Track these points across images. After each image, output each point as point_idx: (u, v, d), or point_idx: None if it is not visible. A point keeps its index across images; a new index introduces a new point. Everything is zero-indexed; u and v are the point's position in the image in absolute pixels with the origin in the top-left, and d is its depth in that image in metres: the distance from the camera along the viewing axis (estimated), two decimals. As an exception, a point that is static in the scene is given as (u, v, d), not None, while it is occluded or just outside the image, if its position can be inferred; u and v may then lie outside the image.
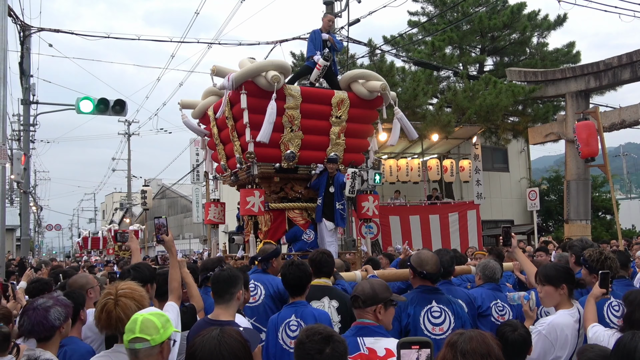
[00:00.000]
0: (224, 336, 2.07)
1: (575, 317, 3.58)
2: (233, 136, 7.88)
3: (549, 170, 27.34)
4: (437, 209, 18.80)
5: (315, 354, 2.23)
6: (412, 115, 17.06)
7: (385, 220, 17.43)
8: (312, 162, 7.96)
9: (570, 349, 3.49)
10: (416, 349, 2.01)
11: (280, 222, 7.98)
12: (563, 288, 3.62)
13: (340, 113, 8.02)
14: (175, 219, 44.20)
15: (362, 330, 3.03)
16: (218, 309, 3.35)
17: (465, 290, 4.55)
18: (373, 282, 3.23)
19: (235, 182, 8.49)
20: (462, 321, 3.73)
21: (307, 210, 8.11)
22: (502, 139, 20.42)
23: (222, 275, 3.39)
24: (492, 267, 4.96)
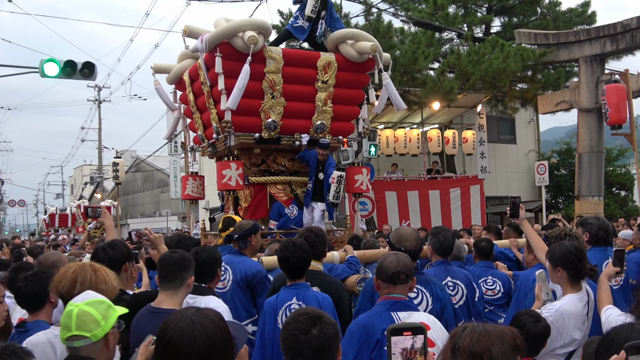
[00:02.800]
0: (199, 316, 2.04)
1: (584, 300, 3.62)
2: (209, 103, 7.83)
3: (560, 142, 27.42)
4: (437, 184, 18.86)
5: (300, 334, 2.21)
6: (411, 81, 16.99)
7: (381, 196, 17.48)
8: (296, 131, 7.92)
9: (579, 337, 3.53)
10: (409, 335, 2.02)
11: (262, 197, 7.99)
12: (559, 270, 3.66)
13: (327, 77, 7.94)
14: (151, 194, 44.12)
15: (395, 304, 3.25)
16: (163, 295, 3.32)
17: (464, 271, 4.59)
18: (404, 256, 3.40)
19: (214, 154, 8.47)
20: (441, 304, 3.79)
21: (291, 184, 8.10)
22: (509, 108, 20.41)
23: (173, 257, 3.36)
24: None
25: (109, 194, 42.78)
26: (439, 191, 18.50)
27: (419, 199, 18.11)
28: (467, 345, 1.85)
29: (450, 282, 4.38)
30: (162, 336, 2.04)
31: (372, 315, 3.27)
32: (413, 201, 18.02)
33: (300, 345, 2.20)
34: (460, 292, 4.38)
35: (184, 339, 1.98)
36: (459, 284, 4.39)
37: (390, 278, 3.27)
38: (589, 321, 3.60)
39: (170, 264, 3.33)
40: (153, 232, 4.54)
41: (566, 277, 3.64)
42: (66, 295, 2.86)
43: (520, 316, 3.37)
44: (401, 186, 18.30)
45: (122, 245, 3.96)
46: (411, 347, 2.02)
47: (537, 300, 3.84)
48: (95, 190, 44.63)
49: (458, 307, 4.31)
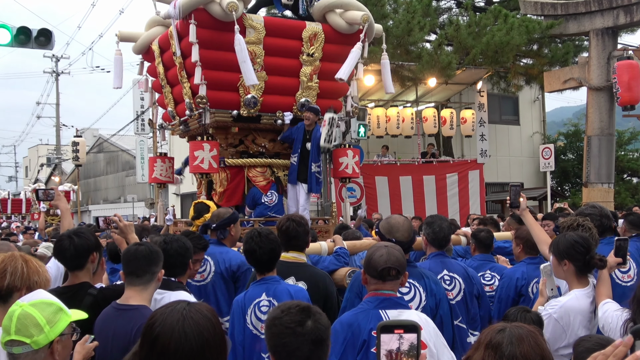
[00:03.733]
0: (191, 310, 2.01)
1: (591, 297, 3.66)
2: (182, 76, 7.77)
3: (567, 124, 27.61)
4: (432, 168, 18.92)
5: (297, 326, 2.20)
6: (405, 54, 16.97)
7: (371, 181, 17.52)
8: (278, 109, 7.90)
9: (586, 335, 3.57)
10: (399, 334, 2.01)
11: (239, 181, 7.96)
12: (566, 264, 3.68)
13: (312, 50, 7.92)
14: (116, 177, 43.87)
15: (384, 302, 3.25)
16: (130, 291, 3.32)
17: (462, 264, 4.64)
18: (396, 248, 3.38)
19: (186, 133, 8.43)
20: (436, 299, 3.81)
21: (272, 167, 8.09)
22: (512, 85, 20.48)
23: (141, 250, 3.36)
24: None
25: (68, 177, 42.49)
26: (435, 176, 18.56)
27: (412, 185, 18.16)
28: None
29: (446, 276, 4.41)
30: (149, 332, 2.00)
31: (358, 313, 3.27)
32: (406, 187, 18.08)
33: (298, 339, 2.19)
34: (458, 286, 4.42)
35: (173, 336, 1.95)
36: (456, 277, 4.43)
37: (380, 274, 3.26)
38: (596, 319, 3.63)
39: (139, 258, 3.33)
40: (123, 219, 4.53)
41: (573, 271, 3.67)
42: None
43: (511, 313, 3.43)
44: (393, 171, 18.33)
45: (89, 233, 3.90)
46: (397, 350, 2.00)
47: (541, 296, 3.87)
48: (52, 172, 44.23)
49: (455, 302, 4.35)
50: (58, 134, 38.51)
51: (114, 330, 3.22)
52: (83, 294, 3.61)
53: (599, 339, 2.90)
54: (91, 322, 3.37)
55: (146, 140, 28.03)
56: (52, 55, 34.81)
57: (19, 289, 2.89)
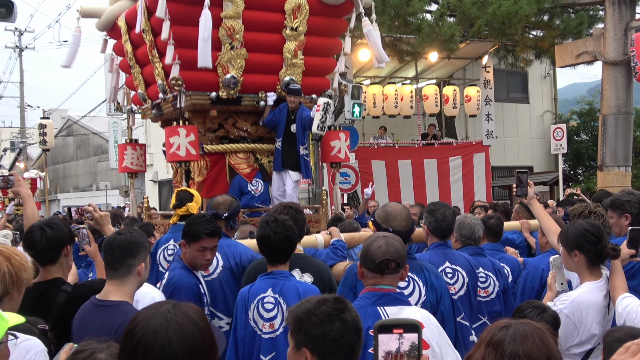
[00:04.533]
0: (176, 314, 1.96)
1: (604, 290, 3.68)
2: (152, 56, 7.72)
3: (580, 102, 27.67)
4: (434, 151, 18.95)
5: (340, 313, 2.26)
6: (404, 26, 16.91)
7: (366, 165, 17.54)
8: (260, 89, 7.87)
9: (599, 332, 3.58)
10: (398, 334, 2.01)
11: (220, 169, 7.93)
12: (576, 255, 3.70)
13: (296, 23, 7.86)
14: (87, 163, 43.73)
15: (383, 298, 3.24)
16: (110, 285, 3.33)
17: (467, 256, 4.64)
18: (395, 238, 3.37)
19: (159, 117, 8.40)
20: (437, 294, 3.82)
21: (255, 153, 8.07)
22: (521, 60, 20.47)
23: (118, 240, 3.35)
24: (469, 223, 5.04)
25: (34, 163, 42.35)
26: (436, 160, 18.60)
27: (411, 170, 18.20)
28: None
29: (448, 269, 4.43)
30: (130, 336, 1.96)
31: None
32: (405, 172, 18.11)
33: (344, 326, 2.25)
34: (461, 280, 4.43)
35: (156, 342, 1.90)
36: (459, 270, 4.44)
37: (378, 267, 3.24)
38: (610, 314, 3.66)
39: (114, 248, 3.32)
40: (98, 209, 4.51)
41: (584, 262, 3.69)
42: None
43: (523, 311, 3.41)
44: (391, 154, 18.35)
45: (62, 223, 3.89)
46: (397, 351, 2.00)
47: (550, 290, 3.89)
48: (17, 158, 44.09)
49: (457, 297, 4.37)
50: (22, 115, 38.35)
51: (92, 327, 3.20)
52: (56, 291, 3.61)
53: (630, 330, 2.93)
54: (65, 321, 3.37)
55: (120, 122, 27.93)
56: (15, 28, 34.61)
57: (10, 293, 2.80)
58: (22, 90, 38.01)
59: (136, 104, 8.91)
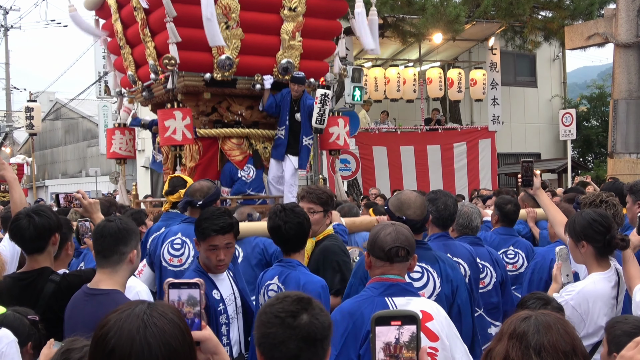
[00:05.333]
0: (153, 315, 1.82)
1: (612, 281, 3.68)
2: (144, 35, 7.69)
3: (591, 86, 27.64)
4: (438, 137, 18.94)
5: (287, 317, 2.13)
6: (407, 6, 16.89)
7: (367, 151, 17.53)
8: (256, 72, 7.85)
9: None
10: (397, 326, 2.01)
11: (213, 155, 7.93)
12: (584, 246, 3.70)
13: (295, 3, 7.85)
14: (76, 148, 43.68)
15: (391, 288, 3.23)
16: (101, 274, 3.35)
17: (467, 246, 4.65)
18: (404, 226, 3.37)
19: (149, 100, 8.39)
20: (452, 286, 3.81)
21: (250, 139, 8.05)
22: (529, 42, 20.43)
23: (109, 227, 3.36)
24: (466, 212, 5.04)
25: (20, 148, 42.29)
26: (440, 146, 18.60)
27: (414, 156, 18.20)
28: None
29: None
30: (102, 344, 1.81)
31: (361, 301, 3.26)
32: (407, 159, 18.11)
33: (285, 332, 2.12)
34: (463, 271, 4.44)
35: (134, 348, 1.76)
36: (461, 262, 4.44)
37: (387, 254, 3.24)
38: (619, 306, 3.68)
39: (105, 235, 3.33)
40: (87, 196, 4.51)
41: (592, 253, 3.69)
42: None
43: (527, 302, 3.44)
44: (393, 140, 18.34)
45: (50, 211, 3.90)
46: (396, 342, 2.00)
47: (555, 282, 3.92)
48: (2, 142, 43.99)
49: None
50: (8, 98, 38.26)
51: (82, 317, 3.24)
52: (44, 281, 3.62)
53: (636, 321, 2.94)
54: (53, 311, 3.38)
55: (110, 105, 27.86)
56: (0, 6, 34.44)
57: None
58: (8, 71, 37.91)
59: (125, 86, 8.87)
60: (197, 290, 2.11)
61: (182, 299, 2.10)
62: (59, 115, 44.25)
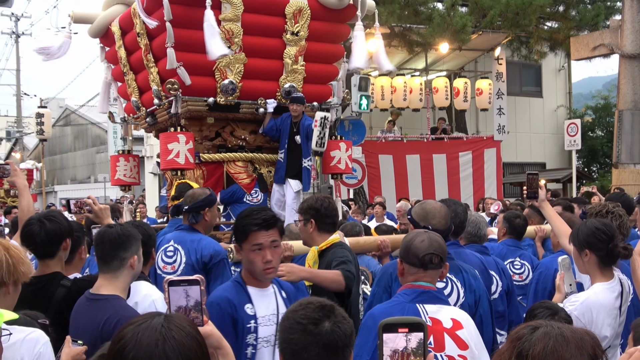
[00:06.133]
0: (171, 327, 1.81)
1: (616, 291, 3.69)
2: (148, 60, 7.62)
3: (596, 97, 27.64)
4: (444, 146, 18.95)
5: (309, 324, 2.13)
6: (414, 16, 16.92)
7: (374, 160, 17.55)
8: (259, 96, 7.77)
9: (610, 334, 3.61)
10: (404, 333, 2.00)
11: (218, 179, 7.85)
12: (587, 255, 3.70)
13: (297, 28, 7.78)
14: (85, 154, 43.82)
15: (423, 295, 3.24)
16: (102, 279, 3.36)
17: (478, 255, 4.65)
18: (437, 235, 3.39)
19: (153, 126, 8.30)
20: (475, 296, 3.81)
21: (254, 163, 8.00)
22: (534, 52, 20.45)
23: (109, 233, 3.38)
24: (474, 220, 5.04)
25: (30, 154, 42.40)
26: (446, 155, 18.61)
27: (420, 165, 18.21)
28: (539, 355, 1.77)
29: None
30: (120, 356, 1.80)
31: (392, 306, 3.27)
32: (413, 167, 18.12)
33: (307, 338, 2.12)
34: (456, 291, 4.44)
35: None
36: None
37: (421, 261, 3.25)
38: (622, 316, 3.68)
39: (105, 242, 3.35)
40: (98, 202, 4.53)
41: (596, 262, 3.70)
42: None
43: (534, 310, 3.44)
44: (399, 148, 18.36)
45: (61, 216, 3.90)
46: (404, 349, 1.99)
47: (558, 292, 3.93)
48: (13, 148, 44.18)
49: None
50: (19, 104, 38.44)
51: (83, 321, 3.26)
52: (55, 286, 3.64)
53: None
54: (64, 315, 3.40)
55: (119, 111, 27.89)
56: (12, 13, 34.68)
57: (6, 284, 2.78)
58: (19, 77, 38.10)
59: (129, 113, 8.80)
60: (198, 286, 2.12)
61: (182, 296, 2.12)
62: (69, 122, 44.43)
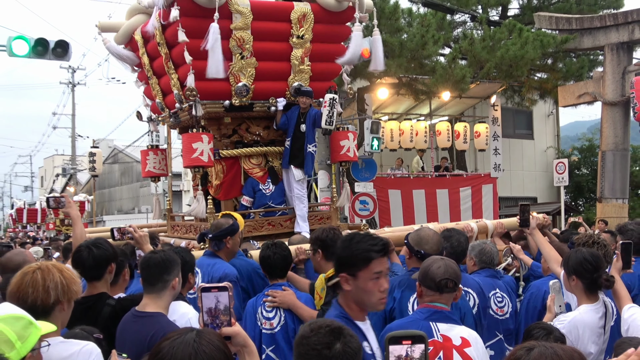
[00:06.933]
0: (202, 342, 1.87)
1: (600, 312, 3.67)
2: (168, 67, 7.58)
3: (581, 139, 27.48)
4: (446, 182, 18.90)
5: (323, 349, 2.13)
6: (419, 68, 16.99)
7: (384, 194, 17.51)
8: (270, 95, 7.71)
9: (595, 351, 3.59)
10: (407, 345, 2.01)
11: (235, 173, 7.77)
12: (574, 280, 3.69)
13: (302, 31, 7.70)
14: (130, 188, 44.09)
15: (435, 314, 3.26)
16: (147, 299, 3.39)
17: (476, 278, 4.62)
18: (452, 262, 3.42)
19: (176, 125, 8.28)
20: (460, 313, 3.79)
21: (267, 156, 7.93)
22: (526, 100, 20.46)
23: (154, 259, 3.42)
24: (489, 250, 5.00)
25: (83, 188, 42.77)
26: (448, 190, 18.54)
27: (425, 199, 18.15)
28: None
29: None
30: None
31: (408, 322, 3.29)
32: (419, 201, 18.06)
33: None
34: (472, 301, 4.41)
35: None
36: (471, 292, 4.42)
37: (438, 285, 3.27)
38: (606, 334, 3.65)
39: (151, 266, 3.38)
40: (138, 230, 4.55)
41: (581, 287, 3.69)
42: (40, 306, 2.75)
43: (532, 330, 3.40)
44: (406, 184, 18.33)
45: (107, 243, 3.95)
46: (406, 355, 2.01)
47: (549, 312, 3.89)
48: (67, 183, 44.54)
49: None
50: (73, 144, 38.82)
51: (130, 336, 3.29)
52: (101, 305, 3.67)
53: None
54: (110, 331, 3.42)
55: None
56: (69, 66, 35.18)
57: (61, 302, 2.84)
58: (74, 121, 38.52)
59: (155, 112, 8.76)
60: (226, 292, 2.18)
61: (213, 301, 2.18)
62: (117, 160, 44.81)
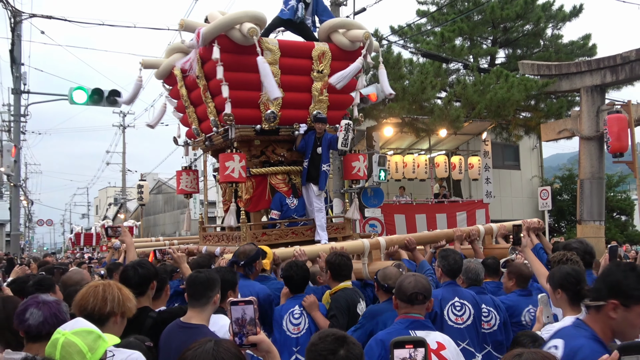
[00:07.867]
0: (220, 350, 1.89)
1: None
2: (206, 97, 7.63)
3: (562, 169, 27.30)
4: (444, 207, 18.79)
5: (328, 354, 2.14)
6: (420, 109, 17.02)
7: (390, 218, 17.43)
8: (294, 121, 7.76)
9: None
10: (410, 348, 2.03)
11: (263, 189, 7.79)
12: (559, 292, 3.63)
13: (322, 67, 7.76)
14: (172, 215, 44.24)
15: (414, 323, 3.35)
16: (192, 312, 3.41)
17: (472, 292, 4.56)
18: (423, 277, 3.49)
19: (210, 147, 8.31)
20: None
21: (290, 174, 7.94)
22: (513, 135, 20.38)
23: (199, 277, 3.45)
24: (474, 268, 4.92)
25: (131, 215, 43.00)
26: (446, 215, 18.43)
27: (426, 222, 18.04)
28: None
29: (457, 302, 4.38)
30: None
31: (391, 332, 3.32)
32: (421, 224, 17.96)
33: None
34: (468, 312, 4.37)
35: None
36: (466, 304, 4.38)
37: (409, 298, 3.34)
38: None
39: (197, 283, 3.42)
40: (176, 251, 4.59)
41: (566, 299, 3.63)
42: (97, 314, 2.82)
43: (519, 338, 3.40)
44: (410, 209, 18.24)
45: (150, 264, 4.05)
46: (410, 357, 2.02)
47: (538, 322, 3.85)
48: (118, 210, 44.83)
49: (465, 327, 4.31)
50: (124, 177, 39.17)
51: (176, 344, 3.30)
52: (144, 317, 3.69)
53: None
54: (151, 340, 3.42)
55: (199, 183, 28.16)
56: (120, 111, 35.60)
57: (116, 314, 2.89)
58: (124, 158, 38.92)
59: (190, 137, 8.84)
60: (252, 306, 2.17)
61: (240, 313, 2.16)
62: (161, 191, 45.07)
